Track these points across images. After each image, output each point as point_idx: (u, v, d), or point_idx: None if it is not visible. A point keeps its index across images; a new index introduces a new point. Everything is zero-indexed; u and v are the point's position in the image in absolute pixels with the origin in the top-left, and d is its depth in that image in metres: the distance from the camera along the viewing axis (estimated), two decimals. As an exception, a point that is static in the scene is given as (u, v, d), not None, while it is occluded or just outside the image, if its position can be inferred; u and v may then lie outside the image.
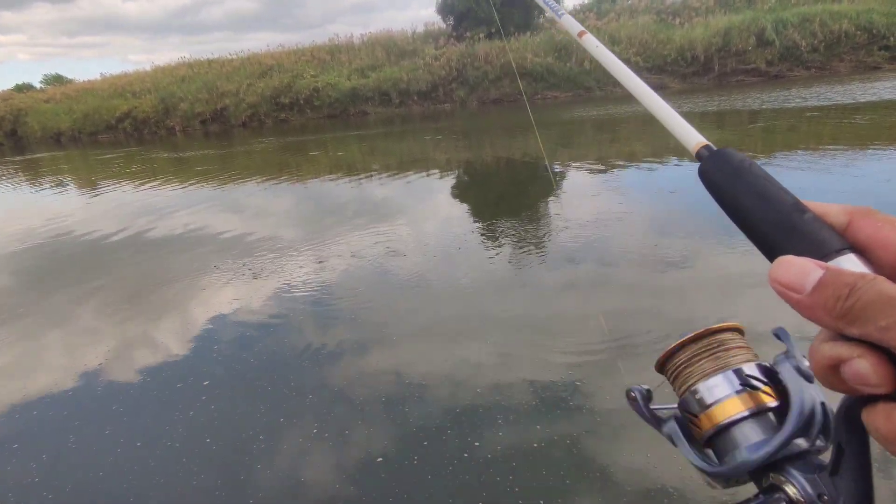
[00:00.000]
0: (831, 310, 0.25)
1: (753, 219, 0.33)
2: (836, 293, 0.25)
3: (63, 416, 2.46)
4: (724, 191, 0.35)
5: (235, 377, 2.63)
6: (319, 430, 2.14)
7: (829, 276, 0.26)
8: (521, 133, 11.74)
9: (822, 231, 0.30)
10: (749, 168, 0.35)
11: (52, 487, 2.00)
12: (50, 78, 31.97)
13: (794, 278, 0.26)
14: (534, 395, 2.22)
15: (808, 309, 0.26)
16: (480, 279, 3.57)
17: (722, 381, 0.37)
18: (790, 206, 0.32)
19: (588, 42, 0.57)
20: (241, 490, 1.88)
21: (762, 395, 0.37)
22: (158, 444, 2.17)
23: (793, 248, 0.30)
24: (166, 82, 24.61)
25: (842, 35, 16.79)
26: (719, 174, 0.36)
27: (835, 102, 10.42)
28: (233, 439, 2.15)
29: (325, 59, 23.57)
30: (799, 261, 0.27)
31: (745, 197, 0.34)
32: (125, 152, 16.20)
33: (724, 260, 3.42)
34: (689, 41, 18.33)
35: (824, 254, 0.29)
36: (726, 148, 0.37)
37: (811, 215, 0.31)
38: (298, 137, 15.43)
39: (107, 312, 3.68)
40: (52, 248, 5.58)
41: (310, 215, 6.04)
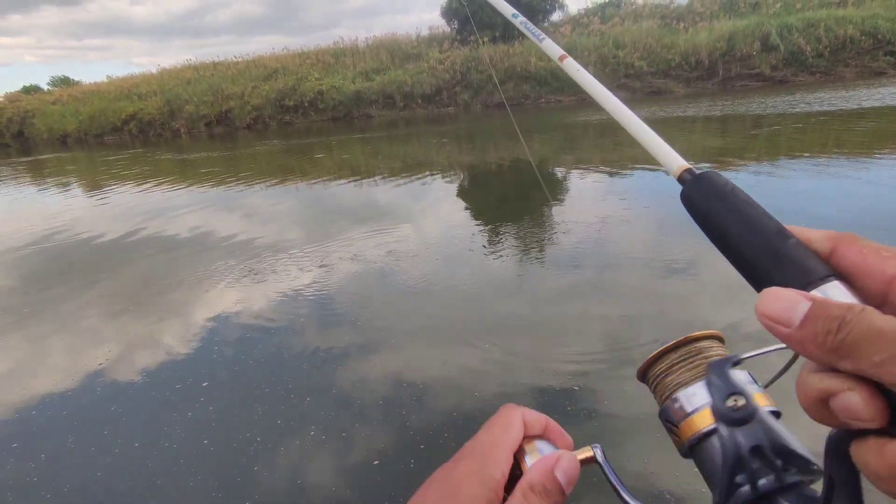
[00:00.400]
0: (822, 344, 0.24)
1: (736, 245, 0.32)
2: (826, 327, 0.24)
3: (62, 416, 2.46)
4: (707, 216, 0.35)
5: (234, 379, 2.63)
6: (316, 432, 2.14)
7: (816, 308, 0.25)
8: (525, 136, 11.74)
9: (807, 258, 0.29)
10: (732, 192, 0.34)
11: (51, 487, 2.01)
12: (57, 80, 32.23)
13: (781, 311, 0.26)
14: (535, 399, 2.21)
15: (798, 343, 0.25)
16: (482, 282, 3.56)
17: (701, 390, 0.36)
18: (774, 233, 0.31)
19: (569, 66, 0.57)
20: (238, 491, 1.87)
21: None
22: (156, 444, 2.17)
23: (777, 274, 0.29)
24: (172, 84, 24.77)
25: (847, 40, 16.75)
26: (702, 199, 0.36)
27: (839, 108, 10.39)
28: (230, 441, 2.15)
29: (329, 62, 23.68)
30: (785, 293, 0.26)
31: (728, 222, 0.33)
32: (131, 154, 16.29)
33: (728, 265, 3.40)
34: (693, 46, 18.32)
35: (809, 281, 0.28)
36: (708, 171, 0.37)
37: (795, 241, 0.30)
38: (302, 140, 15.48)
39: (108, 313, 3.69)
40: (54, 249, 5.61)
41: (312, 218, 6.05)
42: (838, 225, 3.95)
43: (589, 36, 20.64)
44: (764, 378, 0.37)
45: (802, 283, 0.28)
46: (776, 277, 0.30)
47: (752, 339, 2.51)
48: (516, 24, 0.71)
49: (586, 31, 21.27)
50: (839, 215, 4.16)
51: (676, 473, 1.73)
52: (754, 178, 5.67)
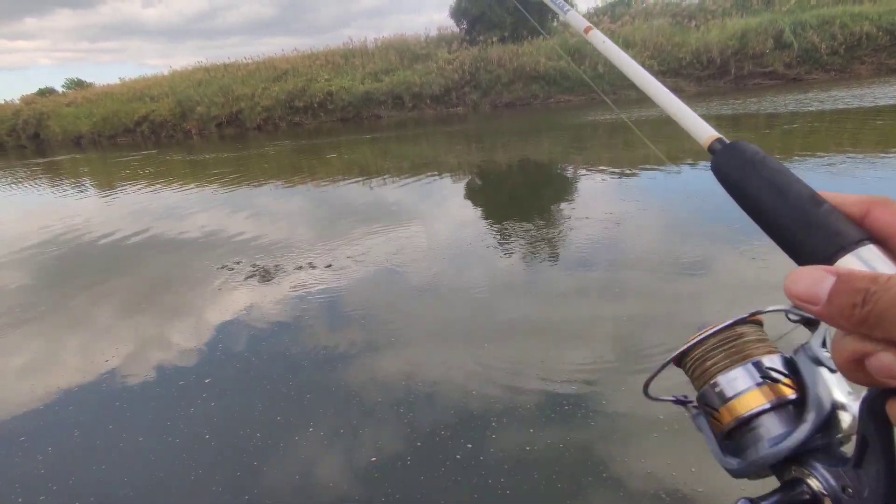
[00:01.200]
0: (850, 317, 0.24)
1: (769, 213, 0.33)
2: (851, 300, 0.24)
3: (69, 412, 2.49)
4: (738, 185, 0.35)
5: (236, 376, 2.64)
6: (315, 429, 2.14)
7: (840, 283, 0.25)
8: (533, 137, 11.70)
9: (840, 222, 0.29)
10: (763, 160, 0.34)
11: (57, 480, 2.03)
12: (72, 82, 32.73)
13: (806, 290, 0.26)
14: (543, 399, 2.19)
15: (829, 318, 0.25)
16: (490, 282, 3.54)
17: (742, 374, 0.36)
18: (806, 199, 0.31)
19: (595, 38, 0.56)
20: (238, 486, 1.88)
21: (782, 388, 0.36)
22: (159, 439, 2.19)
23: (810, 240, 0.30)
24: (183, 86, 25.02)
25: (863, 37, 16.47)
26: (733, 168, 0.35)
27: (855, 106, 10.21)
28: (231, 437, 2.16)
29: (338, 62, 23.77)
30: (808, 271, 0.27)
31: (760, 190, 0.33)
32: (143, 155, 16.48)
33: (741, 264, 3.35)
34: (704, 44, 18.13)
35: (842, 246, 0.28)
36: (739, 141, 0.37)
37: (828, 207, 0.30)
38: (312, 140, 15.56)
39: (115, 311, 3.73)
40: (64, 248, 5.67)
41: (321, 218, 6.06)
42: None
43: (599, 35, 20.50)
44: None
45: (836, 248, 0.28)
46: (809, 243, 0.30)
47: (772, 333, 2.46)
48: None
49: (596, 31, 21.13)
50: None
51: (685, 478, 1.70)
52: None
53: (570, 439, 1.94)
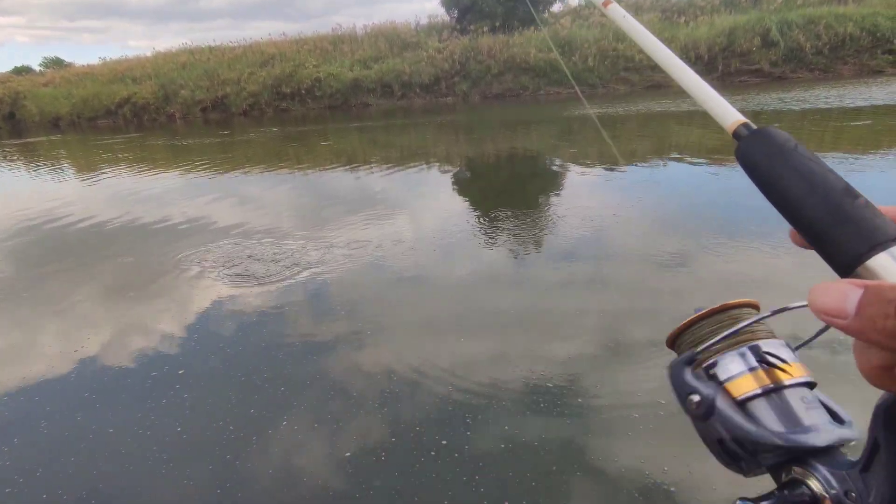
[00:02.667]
0: (881, 329, 0.23)
1: (799, 204, 0.31)
2: (882, 311, 0.23)
3: (35, 403, 2.45)
4: (766, 173, 0.33)
5: (211, 367, 2.63)
6: (289, 422, 2.14)
7: (868, 294, 0.24)
8: (522, 128, 11.72)
9: (877, 217, 0.28)
10: (795, 149, 0.33)
11: (23, 471, 2.00)
12: (49, 61, 31.74)
13: (833, 304, 0.25)
14: (527, 391, 2.21)
15: (860, 333, 0.24)
16: (477, 273, 3.56)
17: (736, 358, 0.36)
18: (841, 191, 0.30)
19: (614, 12, 0.53)
20: (209, 479, 1.88)
21: (778, 373, 0.35)
22: (129, 431, 2.17)
23: (843, 235, 0.28)
24: (167, 69, 24.46)
25: (846, 38, 16.78)
26: (760, 155, 0.34)
27: (835, 105, 10.44)
28: (203, 429, 2.15)
29: (327, 49, 23.45)
30: (834, 285, 0.26)
31: (790, 180, 0.31)
32: (124, 138, 16.12)
33: (726, 258, 3.43)
34: (693, 40, 18.30)
35: (878, 242, 0.27)
36: (769, 126, 0.35)
37: (864, 200, 0.29)
38: (299, 128, 15.37)
39: (87, 300, 3.66)
40: (35, 233, 5.55)
41: (306, 206, 6.02)
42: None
43: (589, 28, 20.54)
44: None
45: (871, 244, 0.27)
46: (842, 238, 0.28)
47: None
48: None
49: (586, 23, 21.17)
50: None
51: (665, 468, 1.74)
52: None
53: (553, 432, 1.96)
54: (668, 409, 2.01)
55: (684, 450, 1.78)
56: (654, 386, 2.17)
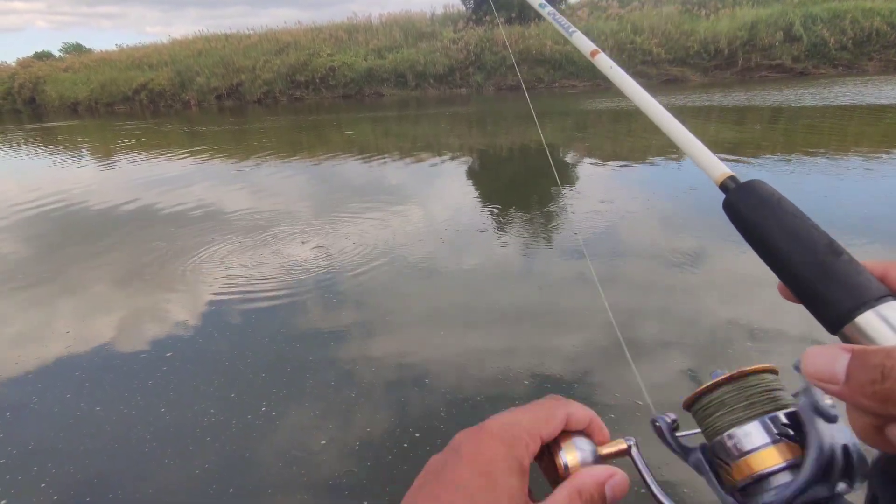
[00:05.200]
0: (872, 395, 0.23)
1: (785, 259, 0.31)
2: (869, 377, 0.23)
3: (27, 379, 2.53)
4: (752, 227, 0.34)
5: (197, 351, 2.68)
6: (267, 408, 2.18)
7: (855, 360, 0.24)
8: (538, 121, 11.59)
9: (861, 275, 0.28)
10: (779, 203, 0.33)
11: (14, 443, 2.09)
12: (69, 47, 32.11)
13: (824, 369, 0.25)
14: (533, 387, 2.21)
15: (851, 399, 0.24)
16: (486, 267, 3.55)
17: (758, 429, 0.34)
18: (824, 247, 0.30)
19: (601, 62, 0.54)
20: (188, 459, 1.93)
21: (800, 447, 0.33)
22: (115, 410, 2.24)
23: (828, 292, 0.28)
24: (183, 55, 24.60)
25: (873, 33, 16.30)
26: (747, 208, 0.34)
27: (861, 102, 10.14)
28: (185, 410, 2.20)
29: (342, 38, 23.38)
30: (824, 349, 0.26)
31: (775, 235, 0.32)
32: (141, 124, 16.28)
33: (737, 259, 3.35)
34: (713, 34, 17.91)
35: (863, 301, 0.27)
36: (754, 180, 0.35)
37: (847, 257, 0.29)
38: (313, 116, 15.38)
39: (85, 281, 3.74)
40: (44, 216, 5.63)
41: (316, 195, 6.03)
42: (870, 224, 3.88)
43: (606, 20, 20.21)
44: None
45: (856, 303, 0.27)
46: (828, 296, 0.28)
47: (760, 338, 2.48)
48: (544, 14, 0.69)
49: (604, 15, 20.83)
50: (866, 216, 4.08)
51: (667, 464, 1.72)
52: (770, 174, 5.56)
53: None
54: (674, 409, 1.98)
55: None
56: (660, 382, 2.14)
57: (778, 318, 2.55)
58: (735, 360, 2.29)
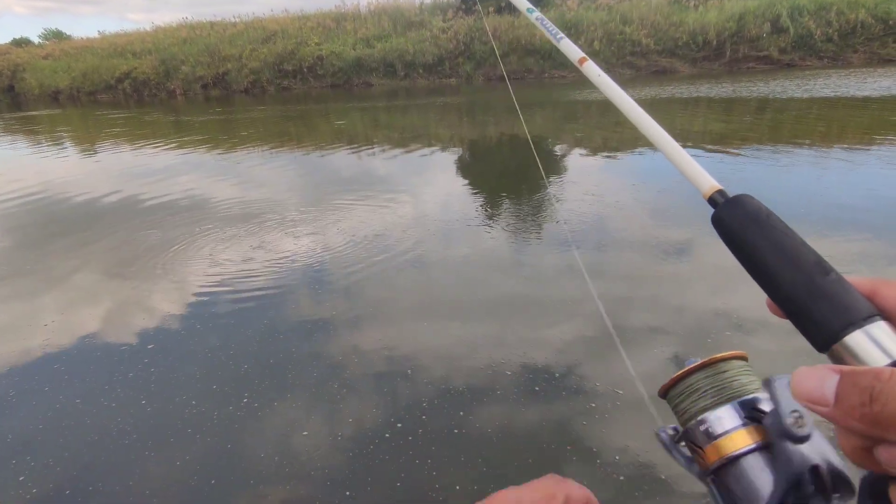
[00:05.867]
0: (861, 418, 0.23)
1: (773, 276, 0.31)
2: (858, 399, 0.23)
3: (5, 372, 2.50)
4: (740, 242, 0.33)
5: (179, 344, 2.66)
6: (249, 399, 2.18)
7: (844, 382, 0.24)
8: (525, 112, 11.56)
9: (849, 295, 0.28)
10: (768, 219, 0.33)
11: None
12: (49, 33, 31.32)
13: (814, 391, 0.25)
14: (524, 376, 2.24)
15: (841, 421, 0.24)
16: (476, 258, 3.55)
17: (729, 413, 0.35)
18: (812, 265, 0.30)
19: (589, 70, 0.53)
20: (169, 451, 1.93)
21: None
22: (96, 402, 2.23)
23: (817, 311, 0.28)
24: (167, 43, 24.11)
25: (858, 25, 16.43)
26: (734, 224, 0.34)
27: (845, 94, 10.25)
28: (166, 402, 2.19)
29: (330, 26, 23.06)
30: (813, 371, 0.25)
31: (764, 251, 0.32)
32: (125, 113, 15.97)
33: (723, 249, 3.39)
34: (702, 25, 17.94)
35: (851, 321, 0.27)
36: (742, 195, 0.35)
37: (836, 276, 0.29)
38: (301, 106, 15.20)
39: (65, 273, 3.68)
40: (23, 205, 5.52)
41: (303, 186, 5.98)
42: (858, 219, 3.93)
43: (596, 10, 20.15)
44: None
45: (844, 323, 0.27)
46: (817, 315, 0.28)
47: (744, 329, 2.51)
48: (532, 19, 0.68)
49: (593, 6, 20.75)
50: (853, 208, 4.14)
51: (655, 457, 1.75)
52: (756, 164, 5.61)
53: (549, 415, 2.00)
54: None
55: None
56: (646, 371, 2.16)
57: (763, 308, 2.58)
58: (724, 347, 2.32)
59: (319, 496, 1.69)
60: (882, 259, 3.16)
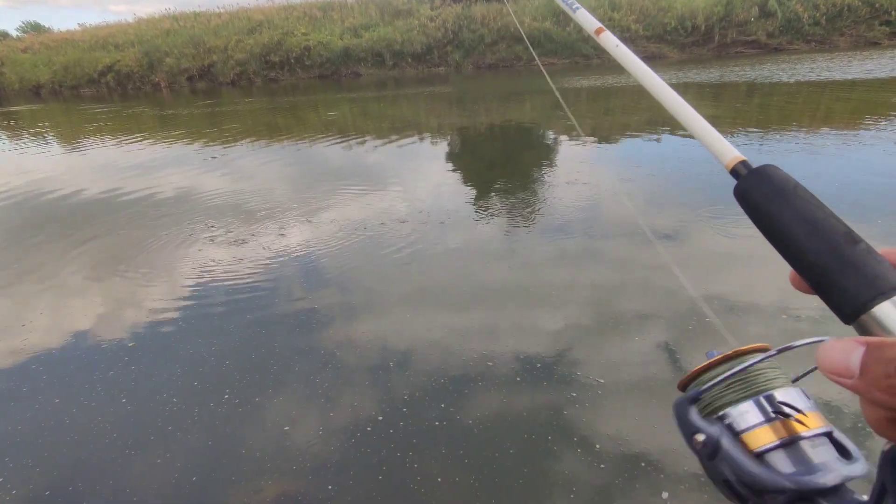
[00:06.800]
0: (886, 389, 0.23)
1: (800, 248, 0.31)
2: (884, 370, 0.23)
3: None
4: (765, 215, 0.33)
5: (161, 341, 2.63)
6: (230, 395, 2.16)
7: (870, 353, 0.24)
8: (515, 100, 11.50)
9: (879, 265, 0.28)
10: (794, 190, 0.32)
11: None
12: (28, 25, 30.68)
13: (839, 363, 0.24)
14: (519, 364, 2.23)
15: (866, 393, 0.24)
16: (470, 247, 3.53)
17: (753, 408, 0.34)
18: (842, 236, 0.29)
19: (607, 40, 0.52)
20: (150, 450, 1.90)
21: (794, 424, 0.34)
22: (75, 401, 2.20)
23: (845, 282, 0.28)
24: (150, 35, 23.71)
25: (844, 8, 16.47)
26: (760, 195, 0.33)
27: (831, 78, 10.28)
28: (147, 400, 2.17)
29: (316, 16, 22.77)
30: (838, 344, 0.25)
31: (790, 223, 0.31)
32: (109, 107, 15.71)
33: (717, 234, 3.39)
34: (690, 10, 17.90)
35: (881, 291, 0.27)
36: (767, 165, 0.34)
37: (865, 246, 0.29)
38: (289, 98, 15.02)
39: (43, 271, 3.62)
40: (8, 204, 5.42)
41: (290, 179, 5.90)
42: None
43: (585, -4, 20.01)
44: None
45: (873, 293, 0.27)
46: (844, 285, 0.28)
47: (738, 311, 2.51)
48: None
49: (583, -9, 20.59)
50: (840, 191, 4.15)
51: (650, 439, 1.76)
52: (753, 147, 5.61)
53: (544, 403, 1.99)
54: (659, 380, 2.01)
55: (671, 421, 1.83)
56: (642, 359, 2.16)
57: (761, 291, 2.59)
58: (727, 333, 2.33)
59: (301, 491, 1.67)
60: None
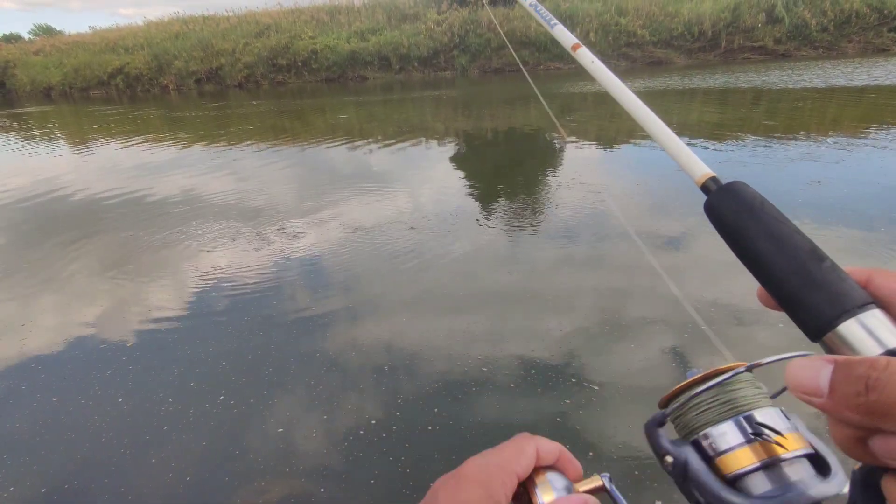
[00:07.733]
0: (856, 408, 0.22)
1: (766, 264, 0.31)
2: (853, 389, 0.23)
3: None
4: (733, 230, 0.33)
5: (158, 341, 2.64)
6: (225, 397, 2.17)
7: (838, 372, 0.23)
8: (521, 104, 11.51)
9: (843, 282, 0.27)
10: (762, 206, 0.32)
11: None
12: (40, 28, 31.05)
13: (808, 382, 0.24)
14: (522, 367, 2.23)
15: (836, 411, 0.23)
16: (474, 251, 3.53)
17: (732, 428, 0.34)
18: (807, 253, 0.29)
19: (583, 56, 0.53)
20: (145, 449, 1.92)
21: (774, 446, 0.33)
22: (73, 400, 2.22)
23: (811, 299, 0.28)
24: (159, 38, 23.91)
25: (853, 14, 16.37)
26: (727, 211, 0.34)
27: (840, 84, 10.21)
28: (143, 400, 2.18)
29: (323, 20, 22.90)
30: (807, 362, 0.25)
31: (757, 239, 0.31)
32: (118, 109, 15.86)
33: (720, 241, 3.37)
34: (697, 15, 17.85)
35: (845, 309, 0.26)
36: (736, 182, 0.35)
37: (830, 263, 0.28)
38: (296, 101, 15.11)
39: (44, 271, 3.65)
40: (13, 206, 5.48)
41: (297, 181, 5.94)
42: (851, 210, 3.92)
43: (591, 1, 20.02)
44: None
45: (838, 311, 0.27)
46: (810, 303, 0.28)
47: (739, 319, 2.50)
48: (525, 5, 0.67)
49: (589, -4, 20.60)
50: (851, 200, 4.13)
51: (643, 447, 1.77)
52: (750, 154, 5.59)
53: (538, 409, 1.99)
54: (653, 388, 2.01)
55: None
56: (637, 367, 2.16)
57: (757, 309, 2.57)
58: (727, 344, 2.32)
59: (294, 493, 1.68)
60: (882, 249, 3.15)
